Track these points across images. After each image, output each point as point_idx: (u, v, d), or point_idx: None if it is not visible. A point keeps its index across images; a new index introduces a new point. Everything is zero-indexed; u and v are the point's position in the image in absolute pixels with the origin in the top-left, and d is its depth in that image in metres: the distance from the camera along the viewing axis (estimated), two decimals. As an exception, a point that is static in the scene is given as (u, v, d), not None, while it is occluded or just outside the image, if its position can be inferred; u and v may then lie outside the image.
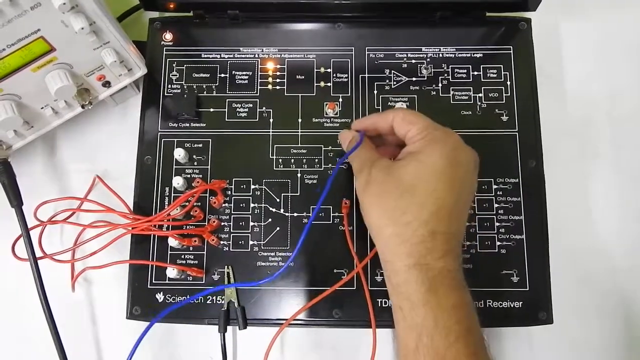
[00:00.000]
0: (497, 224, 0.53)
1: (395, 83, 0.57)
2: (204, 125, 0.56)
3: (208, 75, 0.57)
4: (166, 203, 0.54)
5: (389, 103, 0.56)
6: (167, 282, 0.53)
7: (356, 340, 0.55)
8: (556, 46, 0.62)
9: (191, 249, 0.53)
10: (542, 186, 0.54)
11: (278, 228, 0.54)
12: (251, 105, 0.57)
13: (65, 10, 0.42)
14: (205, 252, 0.53)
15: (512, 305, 0.52)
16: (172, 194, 0.54)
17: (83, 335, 0.56)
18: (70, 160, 0.59)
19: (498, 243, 0.53)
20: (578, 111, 0.60)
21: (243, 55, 0.58)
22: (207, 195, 0.54)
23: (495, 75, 0.57)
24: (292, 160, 0.55)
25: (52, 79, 0.47)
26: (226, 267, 0.53)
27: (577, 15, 0.63)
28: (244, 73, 0.57)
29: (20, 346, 0.56)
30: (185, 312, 0.52)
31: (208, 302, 0.52)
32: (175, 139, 0.56)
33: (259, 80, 0.57)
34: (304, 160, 0.55)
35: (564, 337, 0.55)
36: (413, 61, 0.57)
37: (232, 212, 0.54)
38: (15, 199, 0.49)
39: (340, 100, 0.56)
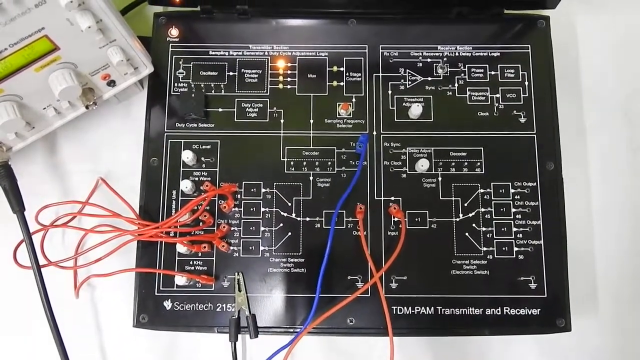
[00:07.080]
0: (514, 229, 0.52)
1: (410, 83, 0.55)
2: (212, 125, 0.54)
3: (216, 73, 0.55)
4: (173, 207, 0.52)
5: (404, 104, 0.54)
6: (175, 289, 0.51)
7: (368, 348, 0.54)
8: (574, 45, 0.60)
9: (200, 254, 0.51)
10: (561, 190, 0.53)
11: (290, 233, 0.52)
12: (261, 105, 0.54)
13: (71, 8, 0.40)
14: (214, 258, 0.51)
15: (529, 313, 0.51)
16: (180, 198, 0.52)
17: (88, 344, 0.54)
18: (71, 160, 0.57)
19: (515, 249, 0.52)
20: (596, 112, 0.59)
21: (252, 53, 0.56)
22: (217, 199, 0.52)
23: (512, 75, 0.55)
24: (304, 163, 0.53)
25: (56, 79, 0.44)
26: (236, 273, 0.51)
27: (596, 13, 0.61)
28: (254, 71, 0.55)
29: (24, 355, 0.54)
30: (194, 320, 0.50)
31: (218, 309, 0.51)
32: (183, 140, 0.53)
33: (269, 78, 0.55)
34: (316, 163, 0.53)
35: (582, 345, 0.54)
36: (428, 60, 0.55)
37: (242, 217, 0.52)
38: (17, 205, 0.46)
39: (354, 100, 0.54)
